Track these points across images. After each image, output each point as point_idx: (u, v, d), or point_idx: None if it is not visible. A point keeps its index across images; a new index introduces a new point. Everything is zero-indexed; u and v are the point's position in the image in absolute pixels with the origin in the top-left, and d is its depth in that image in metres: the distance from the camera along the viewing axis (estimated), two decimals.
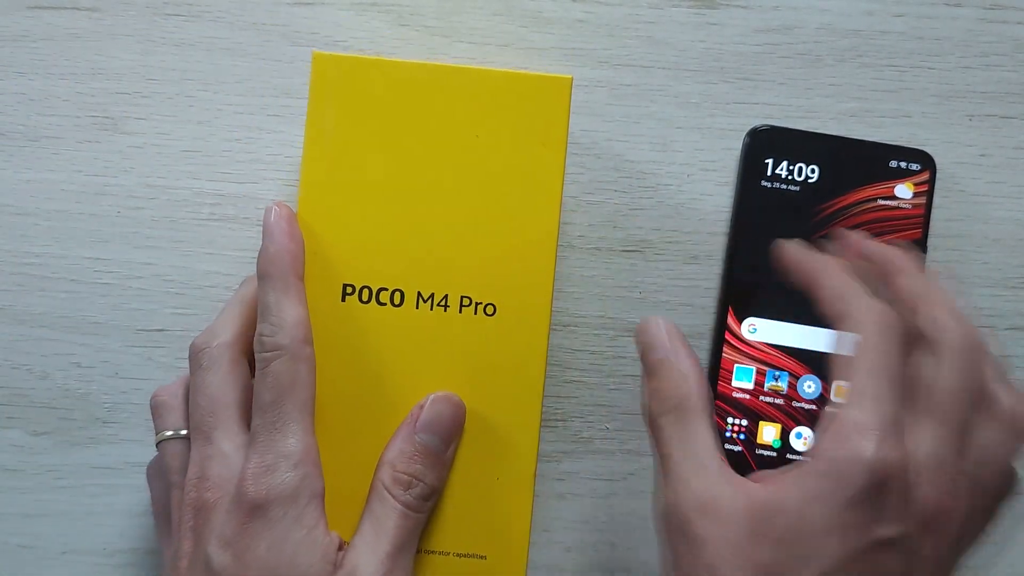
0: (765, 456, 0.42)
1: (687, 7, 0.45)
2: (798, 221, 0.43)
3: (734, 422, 0.42)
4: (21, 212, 0.45)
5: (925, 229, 0.43)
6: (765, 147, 0.43)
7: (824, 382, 0.42)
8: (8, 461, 0.45)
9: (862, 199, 0.43)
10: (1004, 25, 0.46)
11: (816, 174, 0.43)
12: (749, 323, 0.43)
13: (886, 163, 0.43)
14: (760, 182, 0.43)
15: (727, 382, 0.42)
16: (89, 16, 0.45)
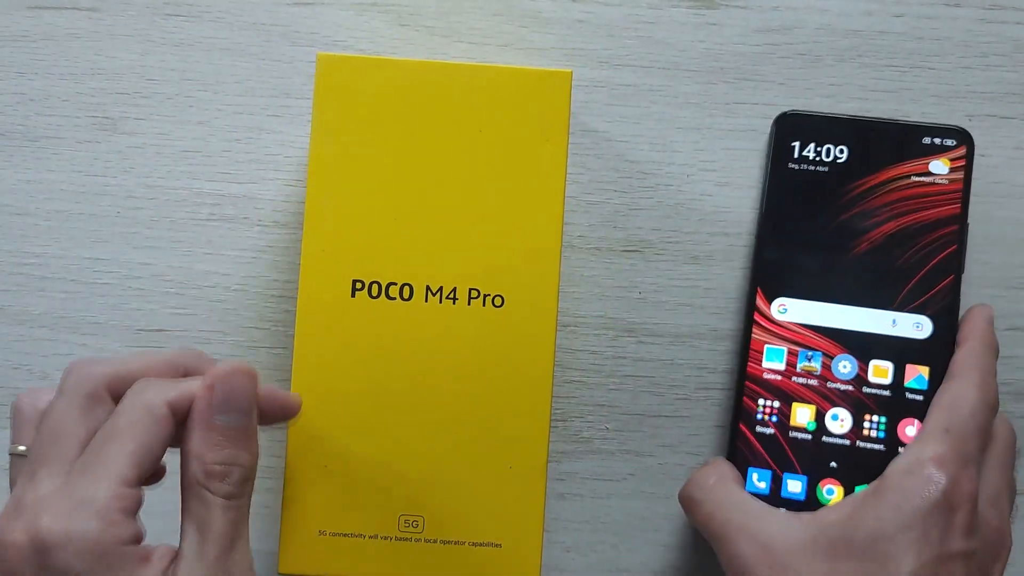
0: (799, 439, 0.41)
1: (687, 7, 0.45)
2: (828, 201, 0.42)
3: (766, 404, 0.41)
4: (20, 212, 0.45)
5: (965, 205, 0.42)
6: (793, 131, 0.43)
7: (860, 362, 0.41)
8: (7, 461, 0.45)
9: (895, 176, 0.42)
10: (1004, 25, 0.46)
11: (845, 154, 0.42)
12: (779, 303, 0.42)
13: (919, 140, 0.42)
14: (788, 165, 0.43)
15: (757, 363, 0.41)
16: (89, 16, 0.45)
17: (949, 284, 0.41)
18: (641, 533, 0.45)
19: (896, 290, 0.41)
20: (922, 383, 0.41)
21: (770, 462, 0.41)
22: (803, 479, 0.40)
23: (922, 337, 0.41)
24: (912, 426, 0.40)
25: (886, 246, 0.41)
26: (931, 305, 0.41)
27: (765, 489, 0.41)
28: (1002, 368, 0.46)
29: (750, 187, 0.45)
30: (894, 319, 0.41)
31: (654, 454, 0.45)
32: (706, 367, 0.45)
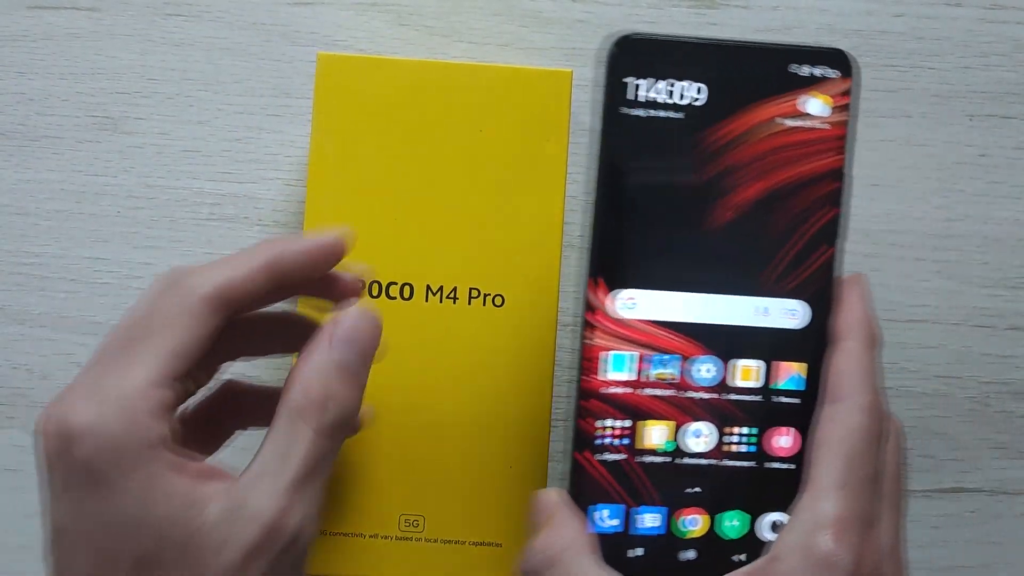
0: (654, 464, 0.33)
1: (687, 7, 0.45)
2: (682, 157, 0.32)
3: (611, 425, 0.33)
4: (21, 212, 0.45)
5: (848, 155, 0.33)
6: (634, 63, 0.32)
7: (725, 363, 0.33)
8: (8, 461, 0.45)
9: (763, 121, 0.32)
10: (1004, 25, 0.46)
11: (704, 94, 0.32)
12: (625, 296, 0.32)
13: (794, 71, 0.33)
14: (630, 110, 0.32)
15: (597, 374, 0.32)
16: (89, 16, 0.45)
17: (828, 259, 0.33)
18: None
19: (767, 270, 0.33)
20: (799, 383, 0.33)
21: (621, 495, 0.33)
22: (662, 511, 0.33)
23: (797, 327, 0.33)
24: (786, 436, 0.33)
25: (754, 214, 0.32)
26: (807, 287, 0.33)
27: (617, 527, 0.33)
28: (1003, 368, 0.46)
29: None
30: (765, 307, 0.33)
31: None
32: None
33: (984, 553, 0.46)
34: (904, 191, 0.46)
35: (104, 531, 0.27)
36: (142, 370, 0.29)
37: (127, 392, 0.28)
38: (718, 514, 0.33)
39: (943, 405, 0.46)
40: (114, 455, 0.27)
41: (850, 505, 0.30)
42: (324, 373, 0.31)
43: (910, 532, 0.46)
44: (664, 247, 0.32)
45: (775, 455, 0.33)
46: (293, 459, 0.29)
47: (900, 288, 0.46)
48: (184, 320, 0.30)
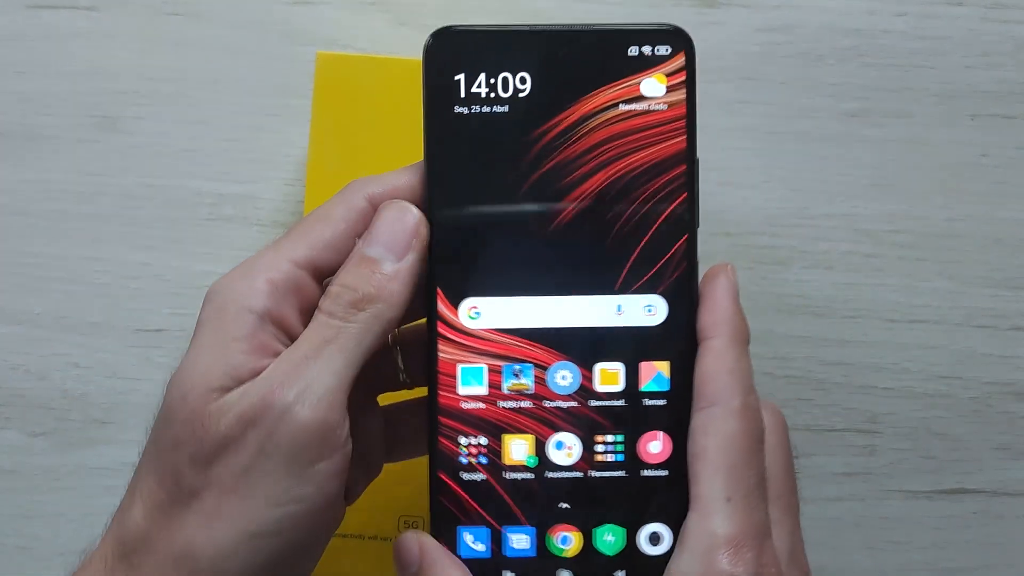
0: (519, 481, 0.31)
1: (688, 6, 0.45)
2: (514, 153, 0.31)
3: (469, 442, 0.31)
4: (19, 212, 0.45)
5: (691, 136, 0.32)
6: (454, 59, 0.31)
7: (583, 368, 0.31)
8: (5, 462, 0.45)
9: (597, 107, 0.31)
10: (1006, 24, 0.45)
11: (528, 84, 0.31)
12: (469, 305, 0.31)
13: (623, 52, 0.31)
14: (454, 109, 0.31)
15: (451, 390, 0.31)
16: (88, 15, 0.45)
17: (682, 248, 0.32)
18: None
19: (618, 266, 0.31)
20: (663, 384, 0.31)
21: (485, 516, 0.31)
22: (530, 531, 0.31)
23: (656, 324, 0.31)
24: (656, 441, 0.31)
25: (598, 207, 0.31)
26: (663, 279, 0.31)
27: (484, 552, 0.31)
28: (1005, 368, 0.46)
29: (752, 187, 0.45)
30: (619, 305, 0.31)
31: None
32: None
33: (986, 554, 0.46)
34: (906, 191, 0.46)
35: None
36: (286, 247, 0.30)
37: (263, 262, 0.30)
38: (592, 529, 0.31)
39: (945, 406, 0.46)
40: (212, 298, 0.30)
41: (740, 519, 0.28)
42: (346, 268, 0.30)
43: (913, 533, 0.46)
44: (505, 250, 0.31)
45: (647, 462, 0.31)
46: (300, 341, 0.29)
47: (902, 288, 0.46)
48: (335, 214, 0.31)
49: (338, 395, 0.28)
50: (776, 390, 0.45)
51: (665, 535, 0.31)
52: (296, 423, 0.28)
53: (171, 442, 0.29)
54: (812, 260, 0.45)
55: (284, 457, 0.28)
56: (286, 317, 0.30)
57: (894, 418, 0.46)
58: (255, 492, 0.28)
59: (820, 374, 0.46)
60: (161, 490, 0.29)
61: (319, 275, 0.31)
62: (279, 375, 0.28)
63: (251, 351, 0.29)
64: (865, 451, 0.46)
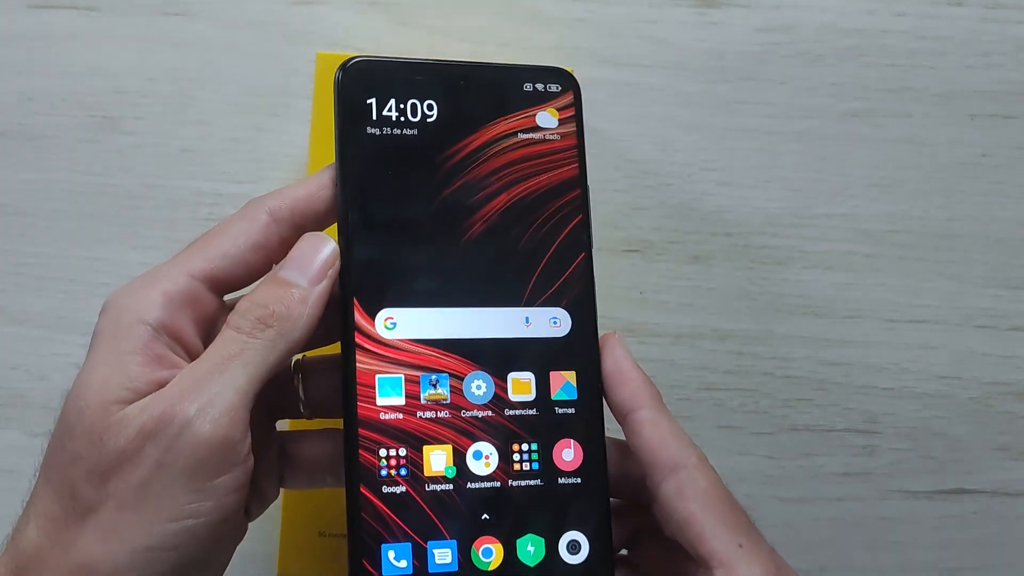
0: (439, 493, 0.31)
1: (688, 6, 0.45)
2: (424, 173, 0.33)
3: (389, 454, 0.31)
4: (19, 212, 0.45)
5: (582, 164, 0.34)
6: (366, 84, 0.33)
7: (496, 378, 0.32)
8: (5, 462, 0.45)
9: (499, 135, 0.34)
10: (1006, 25, 0.46)
11: (435, 111, 0.33)
12: (384, 316, 0.32)
13: (519, 87, 0.34)
14: (366, 129, 0.33)
15: (370, 402, 0.31)
16: (88, 15, 0.45)
17: (582, 264, 0.33)
18: None
19: (524, 280, 0.33)
20: (571, 392, 0.33)
21: (408, 531, 0.31)
22: (451, 545, 0.31)
23: (561, 335, 0.33)
24: (569, 448, 0.32)
25: (503, 226, 0.33)
26: (566, 293, 0.33)
27: (407, 568, 0.30)
28: (1005, 368, 0.46)
29: (752, 187, 0.45)
30: (527, 316, 0.33)
31: None
32: (706, 367, 0.45)
33: (986, 554, 0.46)
34: (906, 191, 0.46)
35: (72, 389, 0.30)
36: (183, 260, 0.31)
37: (160, 274, 0.30)
38: (514, 540, 0.32)
39: (945, 406, 0.46)
40: (107, 310, 0.30)
41: (760, 556, 0.30)
42: (256, 287, 0.31)
43: (913, 533, 0.46)
44: (417, 263, 0.32)
45: (561, 469, 0.32)
46: (205, 356, 0.29)
47: (902, 288, 0.46)
48: (235, 223, 0.31)
49: (240, 411, 0.28)
50: (776, 390, 0.45)
51: (583, 543, 0.32)
52: (196, 437, 0.28)
53: (68, 457, 0.28)
54: (812, 260, 0.45)
55: (183, 471, 0.28)
56: (182, 329, 0.30)
57: (894, 418, 0.46)
58: (153, 506, 0.28)
59: (820, 374, 0.46)
60: (56, 506, 0.28)
61: (217, 287, 0.31)
62: (181, 389, 0.28)
63: (146, 363, 0.29)
64: (865, 451, 0.46)
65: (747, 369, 0.45)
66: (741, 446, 0.45)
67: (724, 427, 0.45)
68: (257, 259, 0.31)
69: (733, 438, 0.45)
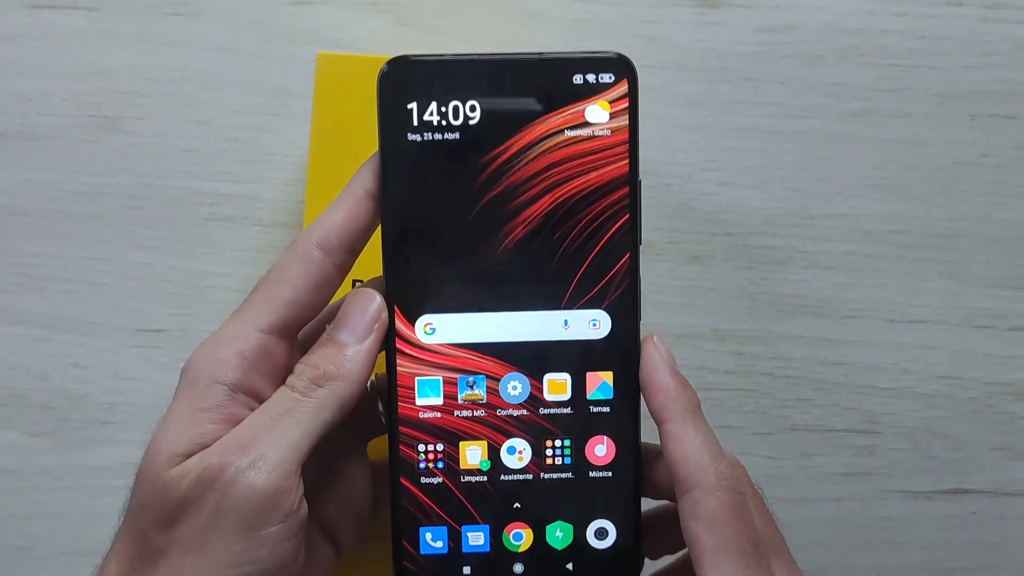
0: (474, 483, 0.34)
1: (688, 6, 0.45)
2: (466, 178, 0.33)
3: (427, 449, 0.34)
4: (19, 212, 0.45)
5: (633, 160, 0.33)
6: (407, 88, 0.33)
7: (532, 379, 0.34)
8: (6, 462, 0.45)
9: (544, 134, 0.33)
10: (1006, 25, 0.45)
11: (477, 112, 0.33)
12: (424, 322, 0.33)
13: (568, 80, 0.33)
14: (407, 136, 0.33)
15: (410, 402, 0.33)
16: (88, 15, 0.45)
17: (625, 266, 0.33)
18: None
19: (564, 283, 0.33)
20: (607, 392, 0.34)
21: (444, 517, 0.34)
22: (484, 529, 0.34)
23: (600, 337, 0.34)
24: (601, 445, 0.34)
25: (546, 229, 0.33)
26: (606, 295, 0.33)
27: (443, 548, 0.34)
28: (1004, 368, 0.46)
29: (752, 187, 0.45)
30: (566, 319, 0.34)
31: None
32: (707, 367, 0.45)
33: (986, 554, 0.46)
34: (906, 191, 0.46)
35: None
36: (251, 316, 0.32)
37: (232, 332, 0.32)
38: (543, 526, 0.34)
39: (945, 406, 0.46)
40: (187, 372, 0.32)
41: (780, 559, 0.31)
42: (312, 349, 0.33)
43: (913, 533, 0.46)
44: (458, 270, 0.33)
45: (593, 464, 0.34)
46: (261, 410, 0.31)
47: (901, 288, 0.46)
48: (292, 268, 0.32)
49: (291, 464, 0.30)
50: (776, 390, 0.46)
51: (610, 530, 0.34)
52: (249, 487, 0.29)
53: (139, 504, 0.31)
54: (812, 260, 0.45)
55: (237, 520, 0.29)
56: (256, 385, 0.32)
57: (894, 418, 0.46)
58: (211, 552, 0.29)
59: (820, 374, 0.46)
60: (133, 548, 0.30)
61: (288, 333, 0.33)
62: (237, 441, 0.30)
63: (220, 420, 0.31)
64: (865, 451, 0.46)
65: (747, 369, 0.45)
66: (741, 446, 0.45)
67: (724, 427, 0.45)
68: (320, 296, 0.33)
69: (733, 438, 0.45)
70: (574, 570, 0.34)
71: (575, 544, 0.34)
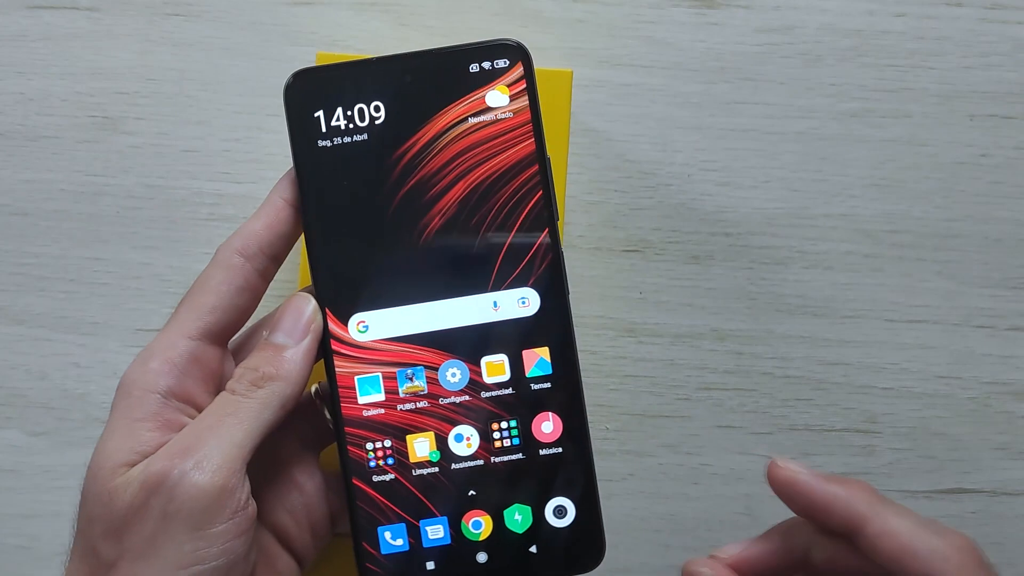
0: (426, 476, 0.34)
1: (687, 7, 0.45)
2: (379, 176, 0.34)
3: (376, 447, 0.34)
4: (19, 212, 0.45)
5: (539, 137, 0.34)
6: (310, 97, 0.34)
7: (470, 364, 0.34)
8: (5, 461, 0.45)
9: (449, 124, 0.34)
10: (1005, 25, 0.46)
11: (382, 112, 0.34)
12: (356, 321, 0.34)
13: (465, 69, 0.34)
14: (318, 143, 0.34)
15: (352, 401, 0.34)
16: (88, 16, 0.45)
17: (545, 242, 0.34)
18: (641, 533, 0.45)
19: (488, 266, 0.34)
20: (545, 368, 0.34)
21: (400, 513, 0.34)
22: (442, 521, 0.34)
23: (531, 314, 0.34)
24: (547, 421, 0.34)
25: (463, 215, 0.34)
26: (531, 272, 0.34)
27: (403, 546, 0.34)
28: (1003, 368, 0.46)
29: (752, 187, 0.45)
30: (495, 301, 0.34)
31: (654, 454, 0.45)
32: (706, 367, 0.45)
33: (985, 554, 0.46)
34: (905, 191, 0.46)
35: None
36: (178, 325, 0.33)
37: (160, 344, 0.32)
38: (501, 511, 0.34)
39: (944, 405, 0.46)
40: (120, 387, 0.32)
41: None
42: (251, 354, 0.33)
43: None
44: (383, 265, 0.34)
45: (541, 441, 0.34)
46: (203, 416, 0.32)
47: (901, 288, 0.46)
48: (215, 275, 0.33)
49: (236, 463, 0.30)
50: (776, 390, 0.46)
51: (568, 507, 0.34)
52: (193, 487, 0.30)
53: (86, 519, 0.31)
54: (811, 260, 0.46)
55: (186, 520, 0.29)
56: (189, 391, 0.32)
57: (893, 418, 0.46)
58: (162, 556, 0.29)
59: (820, 374, 0.46)
60: (85, 565, 0.31)
61: (216, 339, 0.33)
62: (180, 446, 0.31)
63: (157, 428, 0.31)
64: (864, 451, 0.46)
65: (746, 369, 0.45)
66: (741, 446, 0.45)
67: (724, 427, 0.45)
68: (244, 301, 0.33)
69: (733, 438, 0.45)
70: (538, 552, 0.34)
71: (535, 526, 0.34)
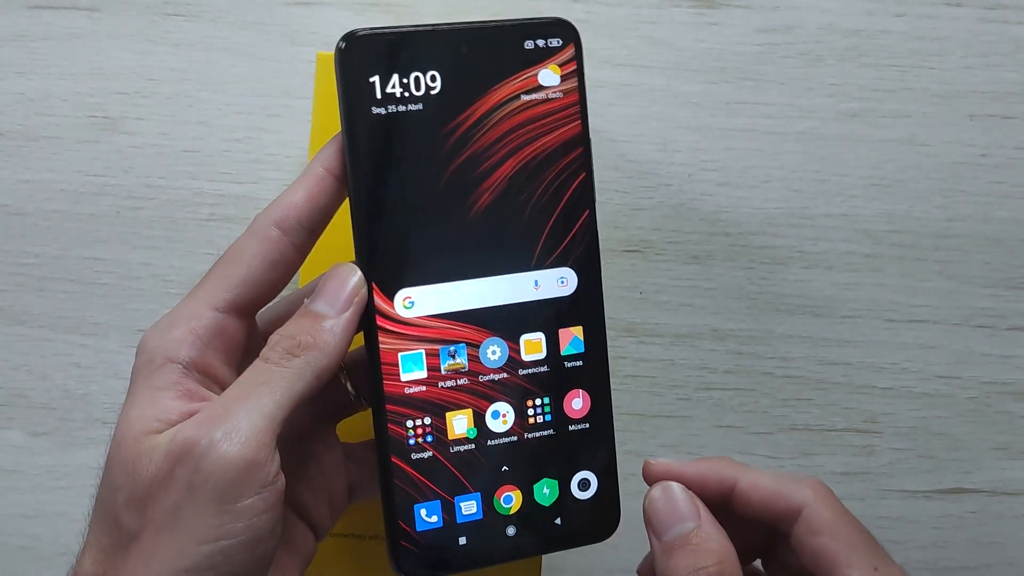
0: (462, 453, 0.34)
1: (688, 7, 0.45)
2: (431, 148, 0.33)
3: (416, 424, 0.33)
4: (20, 212, 0.45)
5: (584, 120, 0.34)
6: (368, 61, 0.32)
7: (510, 341, 0.34)
8: (7, 462, 0.45)
9: (502, 100, 0.33)
10: (1005, 25, 0.46)
11: (438, 82, 0.33)
12: (403, 296, 0.33)
13: (520, 46, 0.33)
14: (372, 110, 0.32)
15: (395, 378, 0.33)
16: (88, 16, 0.45)
17: (585, 223, 0.34)
18: (641, 533, 0.45)
19: (532, 245, 0.34)
20: (578, 346, 0.35)
21: (437, 490, 0.34)
22: (475, 496, 0.34)
23: (568, 293, 0.35)
24: (578, 398, 0.35)
25: (510, 192, 0.34)
26: (571, 253, 0.34)
27: (438, 522, 0.34)
28: (1003, 368, 0.46)
29: (752, 187, 0.45)
30: (536, 280, 0.34)
31: (654, 454, 0.45)
32: (706, 367, 0.45)
33: (985, 553, 0.46)
34: (905, 191, 0.46)
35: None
36: (203, 295, 0.32)
37: (186, 312, 0.31)
38: (531, 485, 0.34)
39: (944, 405, 0.46)
40: (141, 352, 0.31)
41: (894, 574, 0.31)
42: (289, 320, 0.32)
43: (912, 532, 0.46)
44: (429, 241, 0.33)
45: (571, 417, 0.35)
46: (235, 385, 0.31)
47: (901, 288, 0.46)
48: (253, 249, 0.32)
49: (265, 435, 0.29)
50: (776, 390, 0.46)
51: (592, 480, 0.35)
52: (221, 459, 0.28)
53: (109, 489, 0.30)
54: (811, 260, 0.46)
55: (212, 493, 0.28)
56: (210, 363, 0.31)
57: (893, 418, 0.46)
58: (186, 529, 0.28)
59: (820, 374, 0.46)
60: (105, 536, 0.30)
61: (244, 312, 0.32)
62: (209, 415, 0.29)
63: (178, 396, 0.30)
64: (864, 451, 0.46)
65: (747, 369, 0.46)
66: (741, 446, 0.45)
67: (724, 427, 0.45)
68: (277, 275, 0.32)
69: (733, 438, 0.46)
70: (562, 524, 0.35)
71: (561, 498, 0.35)
